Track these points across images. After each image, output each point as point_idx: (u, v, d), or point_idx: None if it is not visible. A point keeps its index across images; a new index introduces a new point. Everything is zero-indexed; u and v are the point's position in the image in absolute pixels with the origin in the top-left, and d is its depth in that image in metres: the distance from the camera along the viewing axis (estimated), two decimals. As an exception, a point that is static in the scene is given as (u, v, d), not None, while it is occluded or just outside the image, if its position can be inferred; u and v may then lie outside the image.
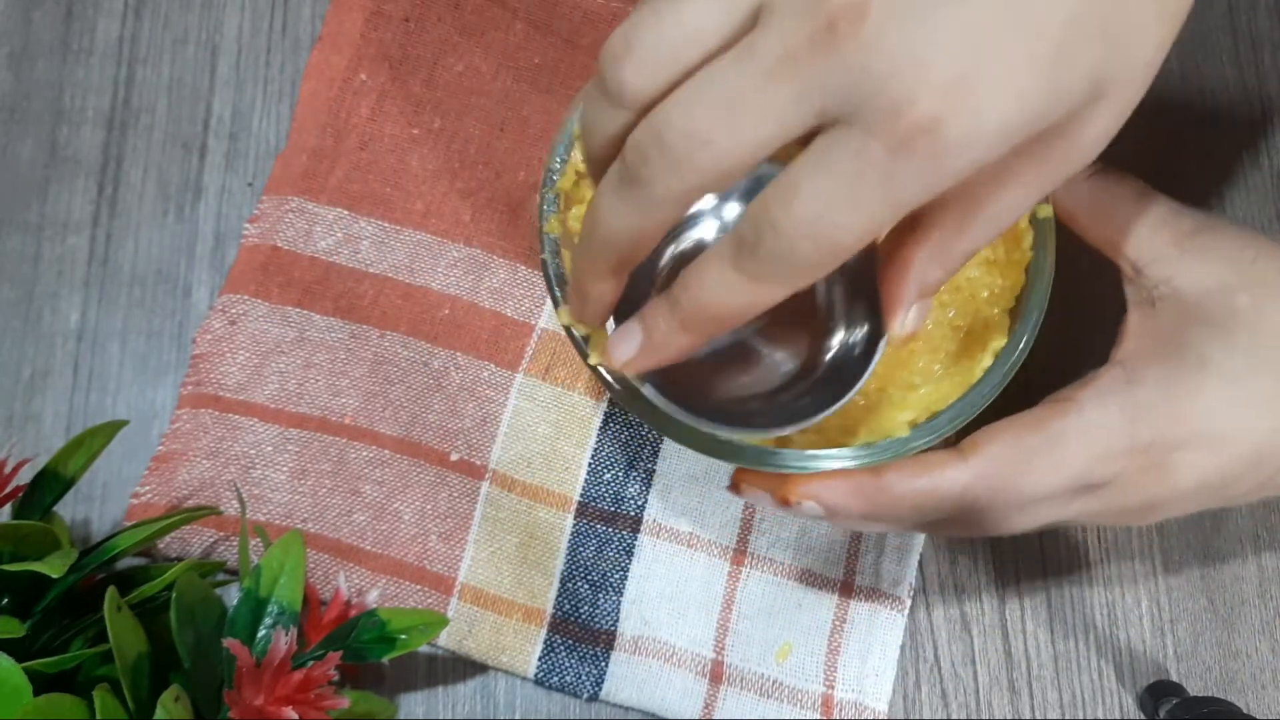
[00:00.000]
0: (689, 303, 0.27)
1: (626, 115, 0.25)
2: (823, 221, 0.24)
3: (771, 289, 0.25)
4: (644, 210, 0.25)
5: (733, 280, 0.25)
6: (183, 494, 0.41)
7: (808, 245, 0.24)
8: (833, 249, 0.24)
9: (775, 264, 0.24)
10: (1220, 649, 0.42)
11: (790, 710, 0.40)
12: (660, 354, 0.28)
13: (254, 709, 0.31)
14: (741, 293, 0.25)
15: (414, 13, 0.46)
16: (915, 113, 0.22)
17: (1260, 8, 0.48)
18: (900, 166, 0.23)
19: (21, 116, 0.45)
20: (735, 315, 0.26)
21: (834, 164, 0.23)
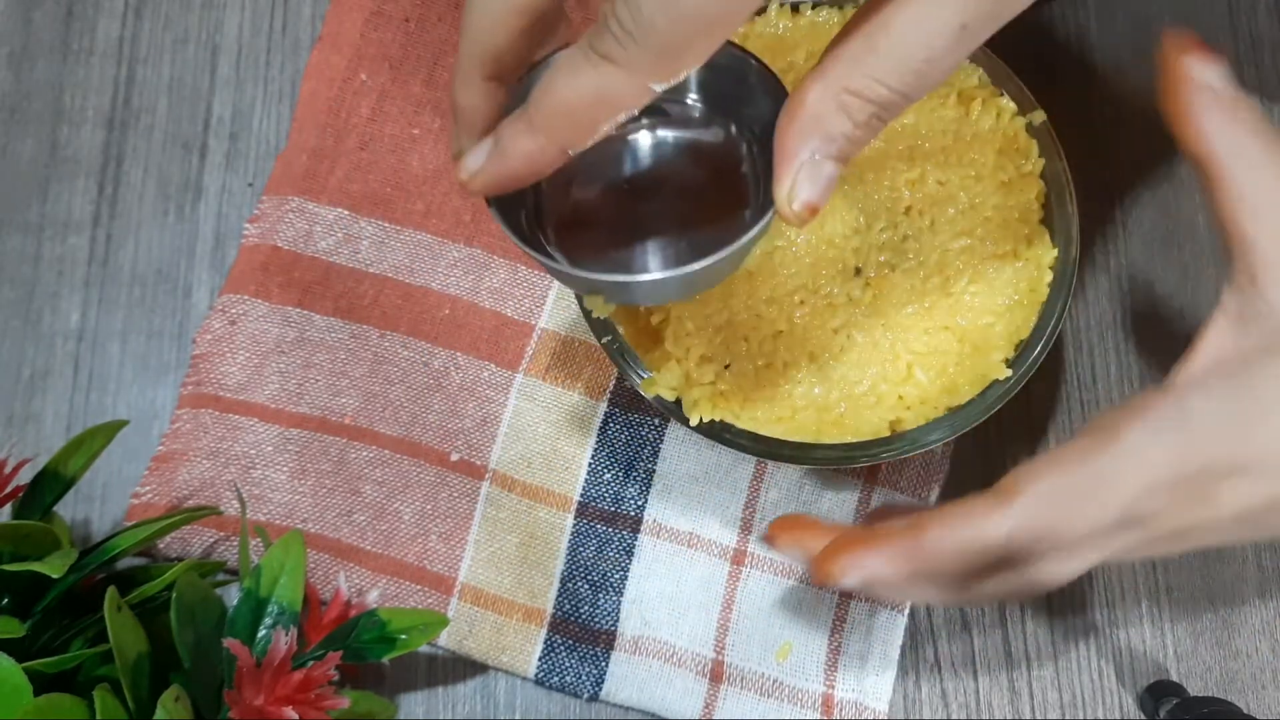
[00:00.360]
0: (539, 95, 0.24)
1: None
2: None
3: (627, 76, 0.22)
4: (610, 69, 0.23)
5: (583, 67, 0.23)
6: (183, 494, 0.41)
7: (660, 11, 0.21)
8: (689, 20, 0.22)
9: (626, 39, 0.22)
10: (1220, 649, 0.42)
11: (790, 710, 0.40)
12: (509, 162, 0.25)
13: (254, 709, 0.31)
14: (594, 81, 0.23)
15: (414, 13, 0.46)
16: None
17: (1260, 8, 0.48)
18: None
19: (22, 116, 0.45)
20: (590, 110, 0.23)
21: None
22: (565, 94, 0.23)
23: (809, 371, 0.36)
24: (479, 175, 0.26)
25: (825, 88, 0.24)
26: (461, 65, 0.26)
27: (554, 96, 0.23)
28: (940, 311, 0.36)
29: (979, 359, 0.35)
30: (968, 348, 0.36)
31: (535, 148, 0.25)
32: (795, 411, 0.35)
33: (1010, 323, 0.36)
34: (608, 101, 0.23)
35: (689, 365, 0.36)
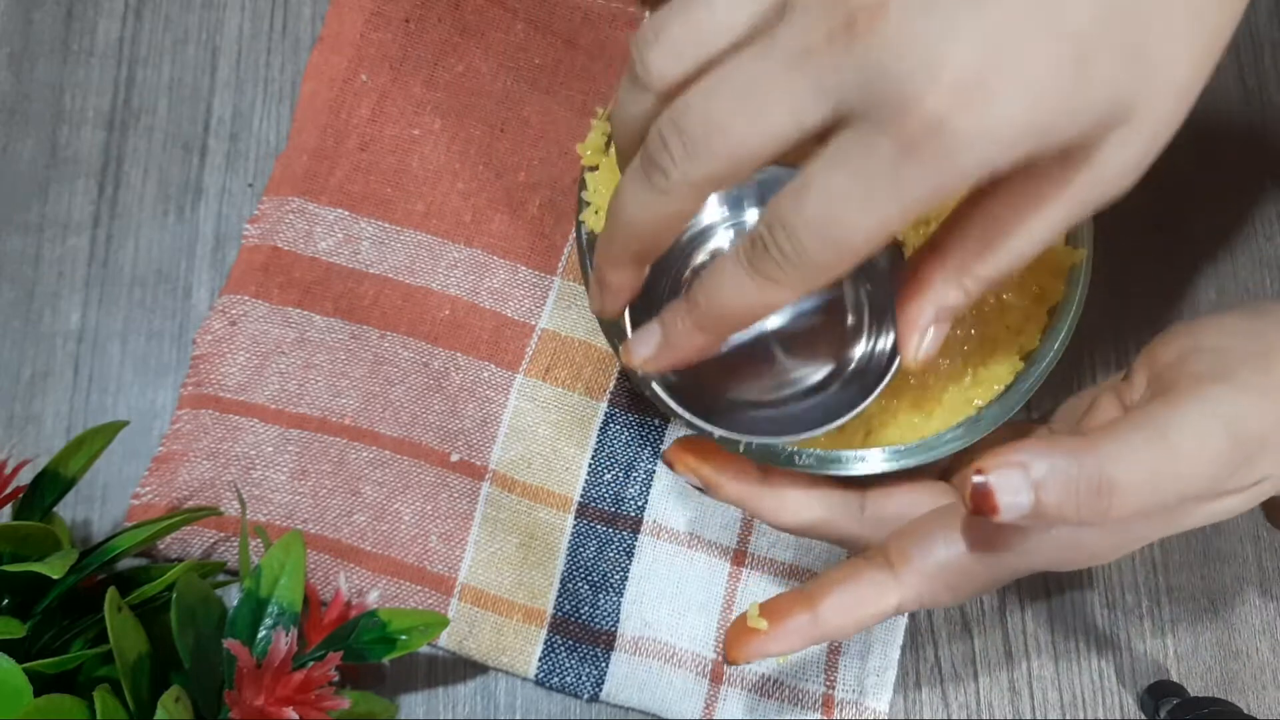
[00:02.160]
0: (706, 303, 0.27)
1: (651, 100, 0.26)
2: (832, 221, 0.24)
3: (782, 290, 0.26)
4: (662, 197, 0.26)
5: (745, 280, 0.26)
6: (183, 494, 0.41)
7: (816, 244, 0.24)
8: (841, 249, 0.24)
9: (785, 264, 0.25)
10: (1220, 649, 0.42)
11: (791, 710, 0.40)
12: (676, 353, 0.29)
13: (254, 709, 0.31)
14: (754, 293, 0.26)
15: (414, 13, 0.46)
16: (924, 110, 0.22)
17: (1260, 8, 0.48)
18: (908, 165, 0.23)
19: (22, 117, 0.45)
20: (747, 315, 0.27)
21: (844, 162, 0.23)
22: (731, 303, 0.27)
23: None
24: (652, 362, 0.29)
25: (947, 272, 0.28)
26: (615, 253, 0.28)
27: (721, 304, 0.27)
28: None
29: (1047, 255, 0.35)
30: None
31: (703, 343, 0.28)
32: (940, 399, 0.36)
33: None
34: (768, 308, 0.26)
35: None
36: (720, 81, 0.24)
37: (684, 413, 0.32)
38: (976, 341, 0.36)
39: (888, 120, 0.22)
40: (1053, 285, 0.36)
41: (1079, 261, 0.35)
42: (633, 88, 0.26)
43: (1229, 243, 0.45)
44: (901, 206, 0.23)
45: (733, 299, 0.26)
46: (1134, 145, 0.24)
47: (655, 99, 0.26)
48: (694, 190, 0.25)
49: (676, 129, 0.25)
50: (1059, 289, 0.36)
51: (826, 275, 0.25)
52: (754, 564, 0.42)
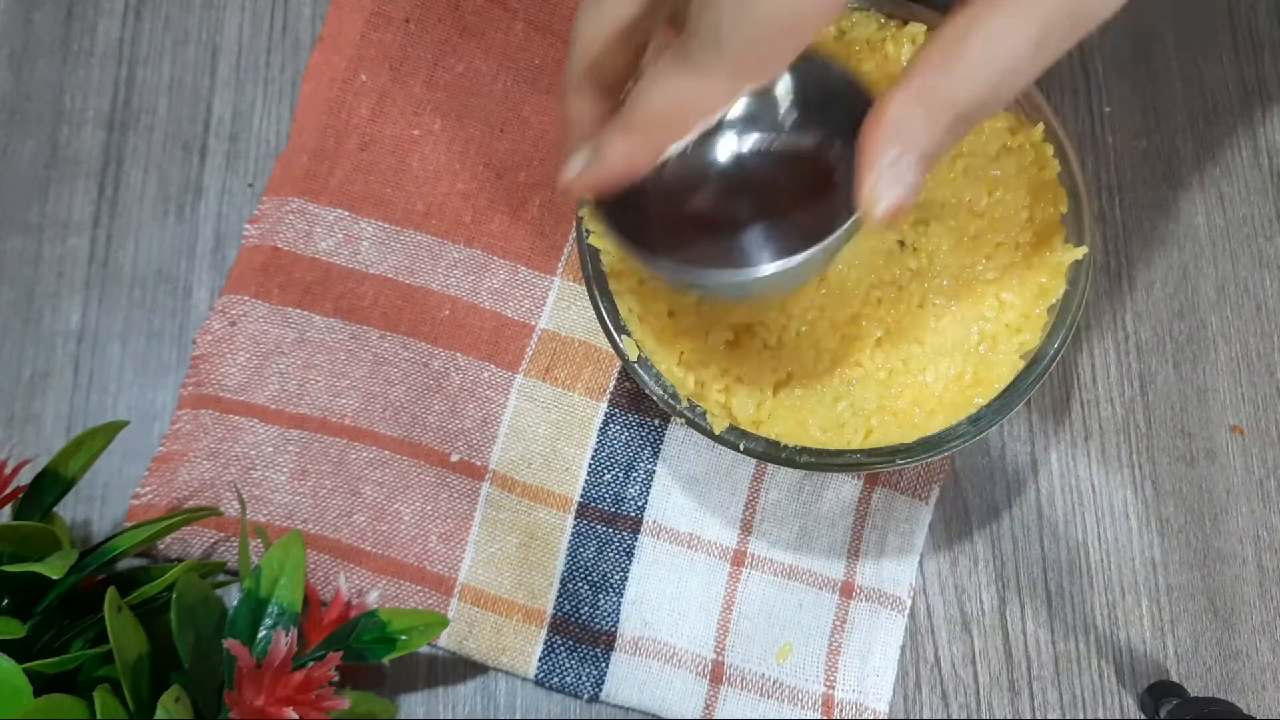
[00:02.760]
0: (634, 103, 0.25)
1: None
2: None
3: (714, 81, 0.24)
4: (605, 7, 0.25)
5: (674, 73, 0.24)
6: (183, 495, 0.41)
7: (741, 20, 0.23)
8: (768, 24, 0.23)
9: (713, 46, 0.23)
10: (1220, 649, 0.42)
11: (791, 710, 0.40)
12: (608, 167, 0.26)
13: (254, 709, 0.31)
14: (684, 86, 0.24)
15: (414, 14, 0.46)
16: None
17: (1260, 8, 0.48)
18: None
19: (22, 117, 0.45)
20: (682, 114, 0.25)
21: None
22: (657, 98, 0.24)
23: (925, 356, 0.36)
24: (580, 178, 0.27)
25: (907, 95, 0.24)
26: (570, 75, 0.27)
27: (647, 100, 0.25)
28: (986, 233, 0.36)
29: (1044, 251, 0.35)
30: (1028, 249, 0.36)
31: (632, 149, 0.26)
32: (939, 397, 0.35)
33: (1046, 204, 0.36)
34: (696, 105, 0.24)
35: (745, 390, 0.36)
36: None
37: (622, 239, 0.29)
38: (976, 339, 0.36)
39: None
40: (1053, 284, 0.36)
41: (1080, 260, 0.35)
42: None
43: (1229, 242, 0.45)
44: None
45: (660, 92, 0.25)
46: None
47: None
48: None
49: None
50: (1060, 287, 0.36)
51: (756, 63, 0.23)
52: (754, 564, 0.42)
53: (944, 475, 0.42)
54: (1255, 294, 0.45)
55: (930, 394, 0.35)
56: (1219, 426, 0.44)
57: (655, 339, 0.36)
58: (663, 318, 0.37)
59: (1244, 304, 0.45)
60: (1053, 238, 0.36)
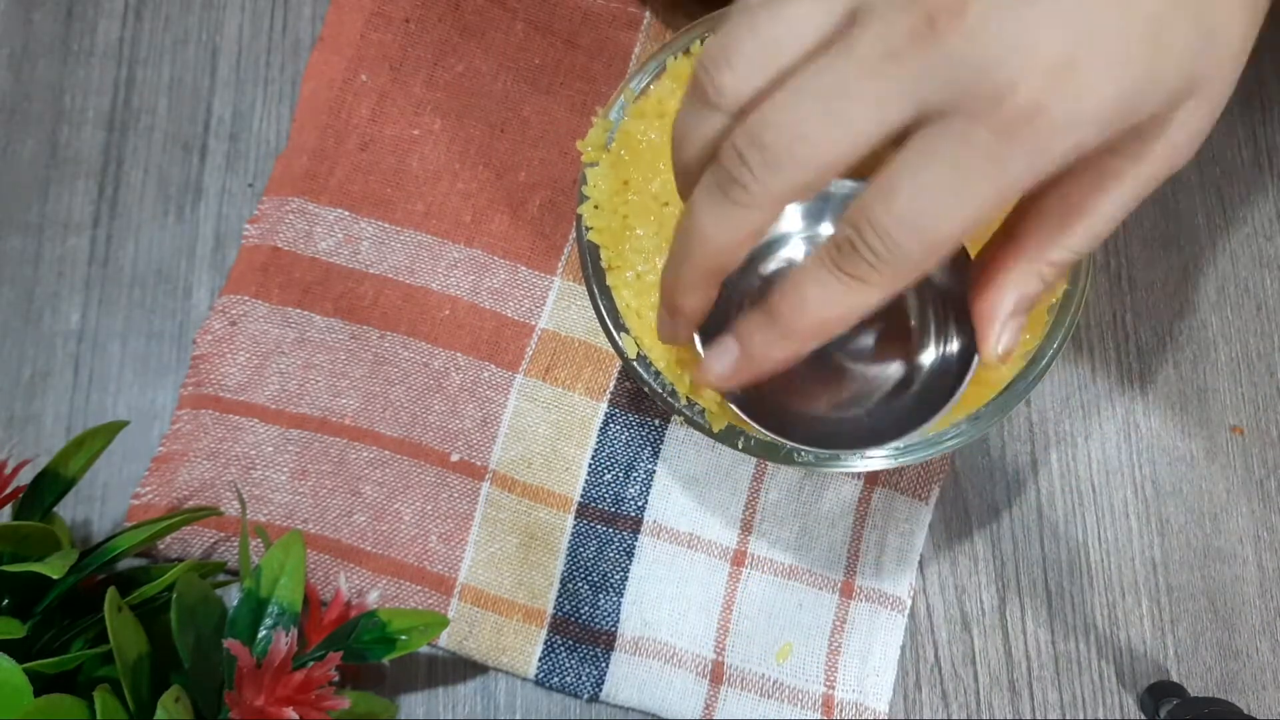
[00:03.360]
0: (788, 310, 0.26)
1: (723, 120, 0.25)
2: (926, 215, 0.24)
3: (872, 291, 0.25)
4: (742, 213, 0.25)
5: (832, 284, 0.25)
6: (183, 495, 0.41)
7: (911, 241, 0.24)
8: (936, 244, 0.24)
9: (878, 262, 0.24)
10: (1220, 649, 0.42)
11: (791, 710, 0.40)
12: (758, 367, 0.28)
13: (254, 709, 0.31)
14: (842, 296, 0.25)
15: (414, 14, 0.46)
16: (1019, 97, 0.22)
17: (1260, 8, 0.48)
18: (1006, 151, 0.23)
19: (22, 117, 0.45)
20: (836, 321, 0.26)
21: (936, 156, 0.23)
22: (818, 310, 0.26)
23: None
24: (731, 378, 0.28)
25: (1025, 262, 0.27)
26: (689, 276, 0.28)
27: (805, 311, 0.26)
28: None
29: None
30: None
31: (787, 353, 0.27)
32: None
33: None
34: (857, 312, 0.26)
35: None
36: (797, 91, 0.24)
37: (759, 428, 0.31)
38: None
39: (981, 109, 0.23)
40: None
41: (1080, 261, 0.35)
42: (700, 109, 0.26)
43: (1229, 242, 0.45)
44: (999, 193, 0.23)
45: (820, 305, 0.26)
46: (1201, 115, 0.25)
47: (727, 118, 0.25)
48: (774, 202, 0.25)
49: (755, 143, 0.24)
50: (1060, 287, 0.36)
51: (916, 272, 0.25)
52: (754, 564, 0.42)
53: (944, 475, 0.42)
54: (1255, 294, 0.45)
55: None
56: (1219, 426, 0.44)
57: (654, 337, 0.36)
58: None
59: (1244, 304, 0.45)
60: None
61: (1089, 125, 0.23)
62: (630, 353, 0.36)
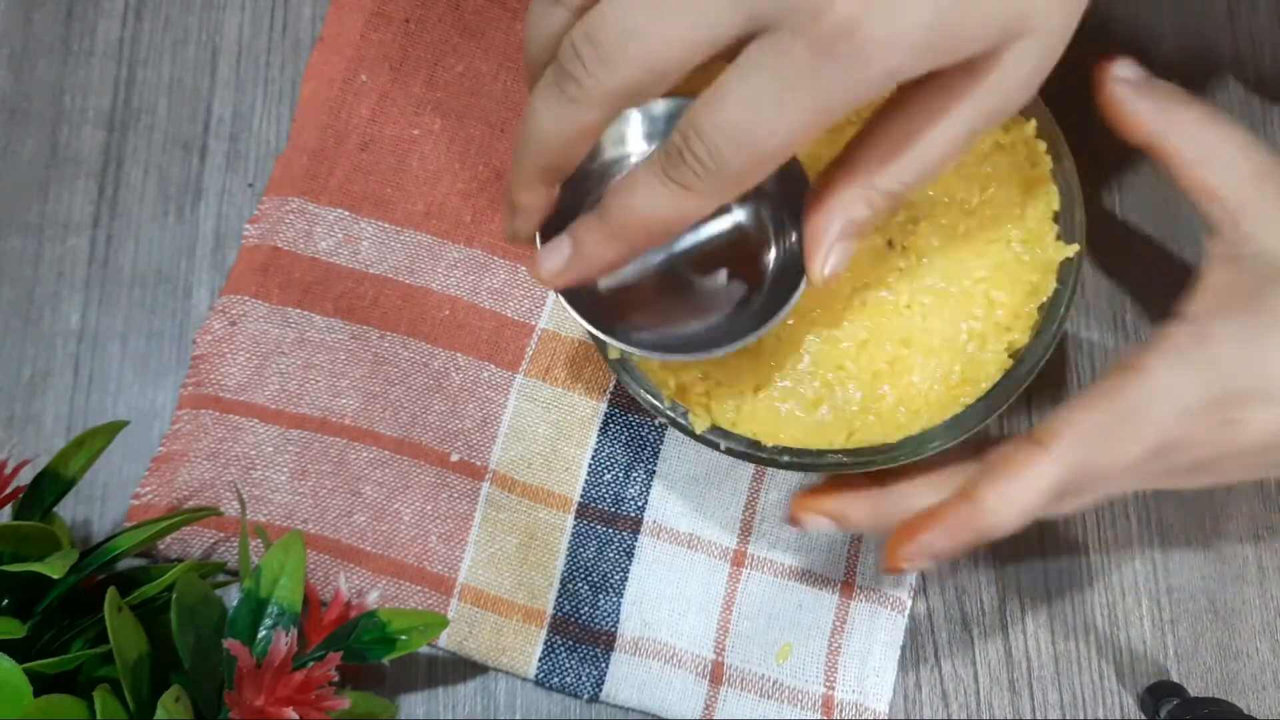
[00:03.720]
0: (618, 213, 0.27)
1: (565, 16, 0.26)
2: (747, 127, 0.24)
3: (699, 199, 0.26)
4: (575, 108, 0.26)
5: (661, 190, 0.26)
6: (183, 495, 0.41)
7: (733, 151, 0.25)
8: (758, 155, 0.25)
9: (702, 171, 0.25)
10: (1220, 649, 0.42)
11: (791, 711, 0.40)
12: (588, 266, 0.29)
13: (254, 709, 0.31)
14: (670, 203, 0.26)
15: (414, 14, 0.46)
16: (836, 13, 0.23)
17: (1260, 8, 0.48)
18: (822, 68, 0.24)
19: (22, 117, 0.45)
20: (664, 226, 0.27)
21: (759, 68, 0.24)
22: (644, 213, 0.27)
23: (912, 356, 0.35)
24: (561, 275, 0.29)
25: (853, 184, 0.28)
26: (524, 171, 0.29)
27: (634, 214, 0.27)
28: (977, 231, 0.36)
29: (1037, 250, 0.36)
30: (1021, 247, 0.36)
31: (614, 254, 0.28)
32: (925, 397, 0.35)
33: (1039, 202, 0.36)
34: (679, 218, 0.27)
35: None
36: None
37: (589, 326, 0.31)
38: (965, 338, 0.35)
39: (802, 25, 0.23)
40: (1044, 282, 0.36)
41: (1071, 258, 0.35)
42: (547, 4, 0.27)
43: (1229, 243, 0.45)
44: (815, 110, 0.24)
45: (647, 209, 0.27)
46: (1031, 57, 0.26)
47: (568, 13, 0.26)
48: (606, 99, 0.26)
49: (589, 38, 0.25)
50: (1050, 286, 0.35)
51: (741, 183, 0.26)
52: (754, 564, 0.42)
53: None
54: (1255, 294, 0.45)
55: (917, 394, 0.35)
56: (1219, 426, 0.44)
57: None
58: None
59: (1244, 304, 0.45)
60: (1045, 236, 0.36)
61: (904, 49, 0.24)
62: (613, 353, 0.36)
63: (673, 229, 0.27)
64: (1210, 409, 0.30)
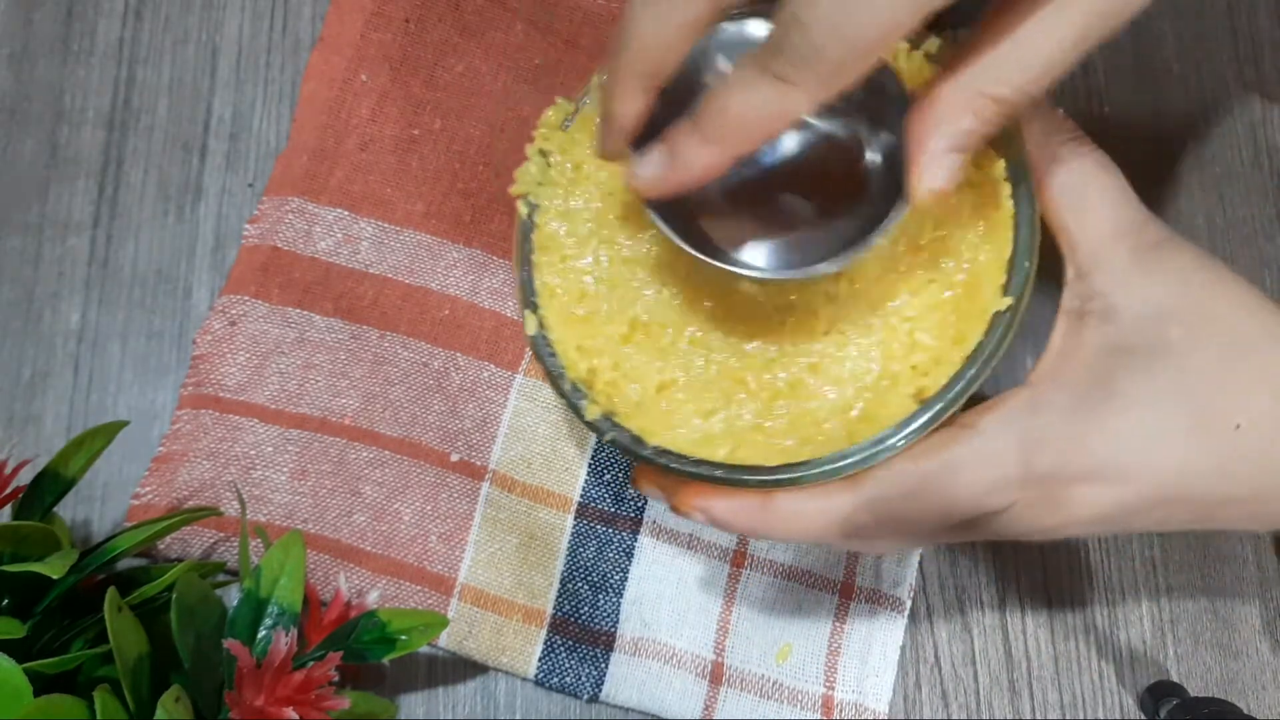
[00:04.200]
0: (716, 114, 0.26)
1: None
2: (845, 12, 0.23)
3: (799, 93, 0.25)
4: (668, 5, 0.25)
5: (758, 82, 0.25)
6: (183, 495, 0.41)
7: (832, 40, 0.24)
8: (857, 44, 0.24)
9: (801, 63, 0.24)
10: (1220, 649, 0.42)
11: (790, 711, 0.40)
12: (684, 172, 0.27)
13: (254, 709, 0.31)
14: (769, 98, 0.25)
15: (414, 14, 0.46)
16: None
17: (1260, 8, 0.48)
18: None
19: (22, 117, 0.45)
20: (763, 124, 0.26)
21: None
22: (743, 109, 0.25)
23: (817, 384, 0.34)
24: (657, 182, 0.28)
25: (957, 88, 0.26)
26: (622, 77, 0.27)
27: (731, 112, 0.26)
28: (919, 268, 0.34)
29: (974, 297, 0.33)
30: (959, 291, 0.34)
31: (713, 158, 0.27)
32: (819, 426, 0.33)
33: (992, 248, 0.34)
34: (780, 114, 0.25)
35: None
36: None
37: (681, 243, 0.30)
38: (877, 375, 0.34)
39: None
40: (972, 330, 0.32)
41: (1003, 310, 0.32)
42: None
43: (1229, 243, 0.45)
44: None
45: (745, 105, 0.25)
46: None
47: None
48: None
49: None
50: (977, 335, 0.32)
51: (842, 75, 0.24)
52: (754, 565, 0.42)
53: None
54: (1255, 294, 0.45)
55: (811, 422, 0.33)
56: (1219, 426, 0.44)
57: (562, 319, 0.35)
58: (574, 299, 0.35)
59: (1244, 304, 0.45)
60: (988, 283, 0.33)
61: None
62: (530, 329, 0.35)
63: (773, 127, 0.26)
64: (1032, 483, 0.29)
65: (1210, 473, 0.29)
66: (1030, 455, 0.29)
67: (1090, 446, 0.29)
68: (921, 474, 0.29)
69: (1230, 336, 0.29)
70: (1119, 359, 0.29)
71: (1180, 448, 0.29)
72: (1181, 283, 0.30)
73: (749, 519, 0.31)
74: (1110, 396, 0.29)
